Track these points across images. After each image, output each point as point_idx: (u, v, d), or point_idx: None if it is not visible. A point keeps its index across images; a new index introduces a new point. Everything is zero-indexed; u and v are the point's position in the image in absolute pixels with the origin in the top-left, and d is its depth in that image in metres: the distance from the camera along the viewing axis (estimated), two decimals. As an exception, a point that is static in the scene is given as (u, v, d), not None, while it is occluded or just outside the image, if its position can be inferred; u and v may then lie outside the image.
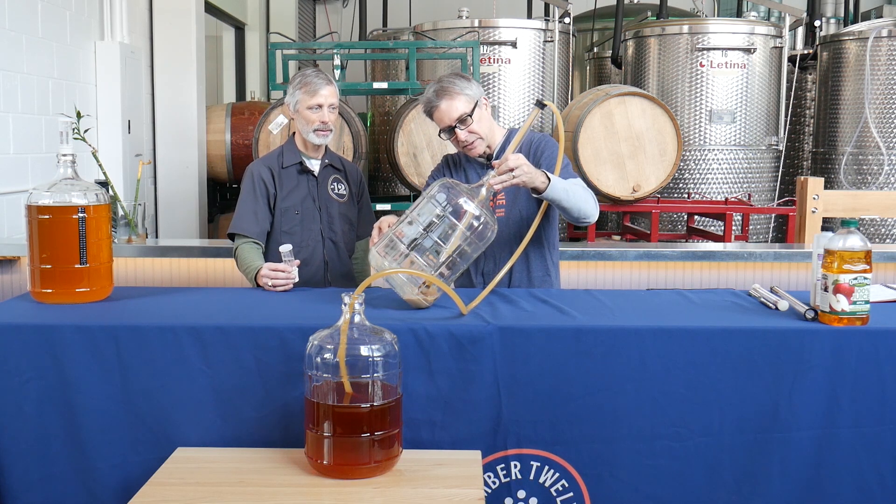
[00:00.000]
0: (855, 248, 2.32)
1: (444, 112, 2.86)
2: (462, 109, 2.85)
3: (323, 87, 3.12)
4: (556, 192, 2.64)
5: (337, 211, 3.25)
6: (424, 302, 2.52)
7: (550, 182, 2.62)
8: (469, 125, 2.86)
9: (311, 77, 3.14)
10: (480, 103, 2.90)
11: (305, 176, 3.22)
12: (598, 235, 6.23)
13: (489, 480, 2.37)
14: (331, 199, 3.24)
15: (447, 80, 2.91)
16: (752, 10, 8.41)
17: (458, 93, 2.86)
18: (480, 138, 2.89)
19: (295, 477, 2.12)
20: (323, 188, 3.24)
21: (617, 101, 5.61)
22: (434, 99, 2.88)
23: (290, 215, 3.19)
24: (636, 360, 2.32)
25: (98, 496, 2.34)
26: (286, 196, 3.19)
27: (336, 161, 3.32)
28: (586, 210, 2.74)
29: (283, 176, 3.21)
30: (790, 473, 2.35)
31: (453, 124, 2.87)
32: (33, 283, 2.60)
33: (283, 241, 3.08)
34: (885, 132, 6.44)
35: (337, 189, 3.27)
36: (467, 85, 2.89)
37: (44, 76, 4.47)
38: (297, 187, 3.21)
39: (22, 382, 2.32)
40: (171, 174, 6.05)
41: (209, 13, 7.30)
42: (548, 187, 2.61)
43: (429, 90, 2.91)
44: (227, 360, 2.32)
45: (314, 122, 3.13)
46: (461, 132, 2.87)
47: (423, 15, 8.54)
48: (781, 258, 3.87)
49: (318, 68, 3.38)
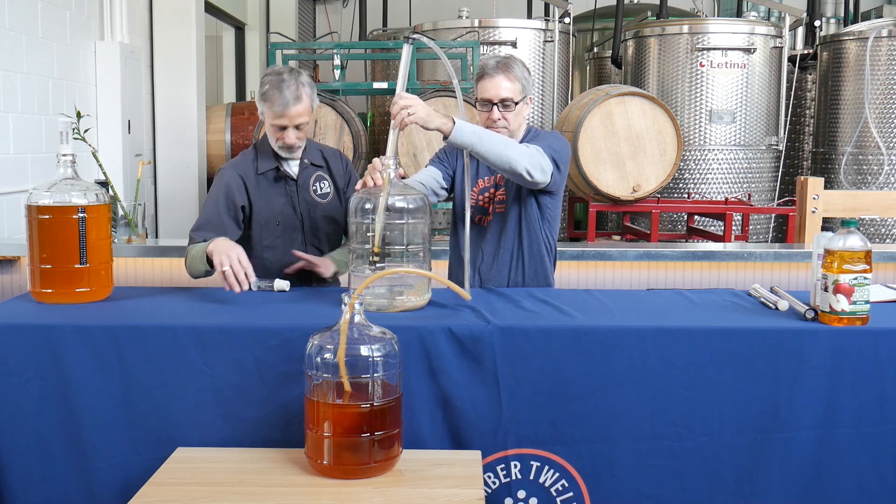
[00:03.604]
0: (855, 248, 2.32)
1: (495, 85, 2.82)
2: (511, 94, 2.83)
3: (290, 105, 2.76)
4: (463, 135, 2.53)
5: (320, 214, 2.98)
6: (409, 302, 2.49)
7: (455, 125, 2.52)
8: (508, 111, 2.84)
9: (275, 90, 2.77)
10: (527, 99, 2.90)
11: (283, 182, 2.95)
12: (598, 235, 6.24)
13: (489, 480, 2.37)
14: (313, 203, 2.97)
15: (513, 59, 2.88)
16: (752, 10, 8.41)
17: (518, 77, 2.84)
18: (508, 128, 2.86)
19: (295, 477, 2.12)
20: (304, 191, 2.96)
21: (617, 101, 5.61)
22: (493, 68, 2.84)
23: (270, 227, 2.93)
24: (636, 360, 2.32)
25: (98, 496, 2.34)
26: (264, 206, 2.92)
27: (316, 156, 3.01)
28: (510, 158, 2.60)
29: (259, 183, 2.92)
30: (790, 473, 2.35)
31: (495, 101, 2.83)
32: (33, 283, 2.60)
33: (265, 256, 2.90)
34: (885, 132, 6.44)
35: (320, 189, 2.99)
36: (526, 76, 2.88)
37: (44, 76, 4.47)
38: (275, 195, 2.93)
39: (22, 382, 2.32)
40: (171, 174, 6.04)
41: (209, 13, 7.30)
42: (452, 130, 2.52)
43: (490, 58, 2.89)
44: (227, 360, 2.32)
45: (278, 140, 2.86)
46: (496, 111, 2.83)
47: (423, 15, 8.55)
48: (781, 258, 3.87)
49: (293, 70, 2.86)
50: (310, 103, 2.83)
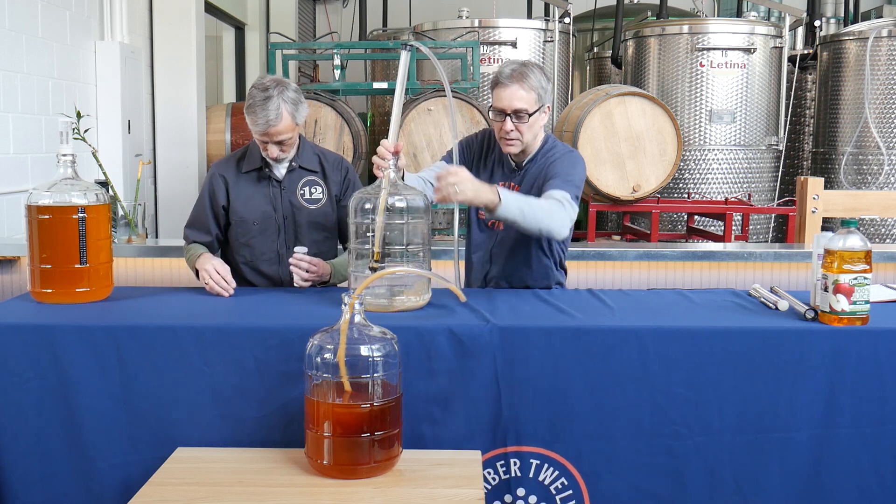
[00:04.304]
0: (855, 248, 2.32)
1: (508, 95, 2.71)
2: (526, 105, 2.71)
3: (271, 124, 2.75)
4: (508, 212, 2.47)
5: (306, 220, 2.93)
6: (409, 303, 2.50)
7: (501, 201, 2.44)
8: (522, 122, 2.73)
9: (258, 107, 2.74)
10: (544, 109, 2.77)
11: (267, 182, 2.93)
12: (598, 235, 6.24)
13: (489, 477, 2.37)
14: (299, 206, 2.93)
15: (530, 67, 2.74)
16: (752, 10, 8.41)
17: (533, 87, 2.72)
18: (521, 140, 2.76)
19: (295, 477, 2.12)
20: (289, 195, 2.93)
21: (617, 101, 5.61)
22: (508, 77, 2.72)
23: (246, 226, 2.93)
24: (636, 360, 2.32)
25: (98, 496, 2.34)
26: (243, 205, 2.93)
27: (311, 160, 2.97)
28: (549, 227, 2.56)
29: (240, 182, 2.94)
30: (790, 473, 2.35)
31: (508, 112, 2.72)
32: (33, 283, 2.60)
33: (242, 253, 2.94)
34: (885, 132, 6.44)
35: (309, 194, 2.94)
36: (544, 85, 2.75)
37: (44, 76, 4.47)
38: (254, 196, 2.93)
39: (22, 382, 2.32)
40: (171, 174, 6.04)
41: (209, 13, 7.30)
42: (498, 207, 2.45)
43: (507, 65, 2.75)
44: (227, 360, 2.32)
45: (262, 150, 2.87)
46: (509, 123, 2.73)
47: (423, 15, 8.55)
48: (781, 258, 3.86)
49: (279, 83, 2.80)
50: (291, 121, 2.80)
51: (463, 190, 2.40)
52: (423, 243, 2.52)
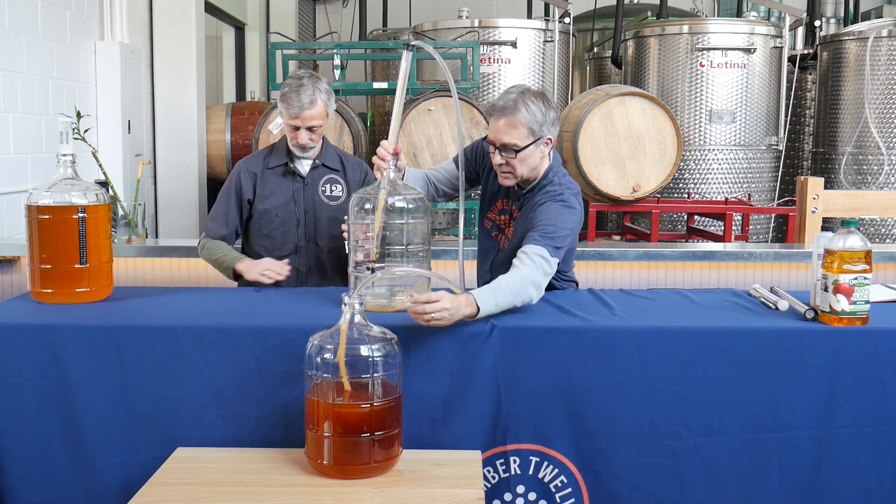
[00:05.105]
0: (855, 248, 2.32)
1: (496, 129, 2.61)
2: (515, 140, 2.58)
3: (305, 108, 2.93)
4: (488, 312, 2.34)
5: (326, 215, 3.08)
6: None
7: (480, 310, 2.31)
8: (511, 157, 2.60)
9: (293, 93, 2.93)
10: (541, 142, 2.62)
11: (291, 178, 3.09)
12: (598, 235, 6.23)
13: (488, 475, 2.37)
14: (320, 203, 3.09)
15: (522, 101, 2.57)
16: (752, 10, 8.41)
17: (523, 122, 2.56)
18: (514, 175, 2.65)
19: (295, 477, 2.12)
20: (311, 190, 3.09)
21: (617, 101, 5.61)
22: (499, 110, 2.60)
23: (268, 218, 3.08)
24: (636, 359, 2.33)
25: (98, 496, 2.34)
26: (267, 198, 3.08)
27: (333, 160, 3.14)
28: (525, 301, 2.44)
29: (266, 177, 3.09)
30: (790, 473, 2.35)
31: (497, 145, 2.62)
32: (33, 283, 2.60)
33: (262, 244, 3.03)
34: (885, 132, 6.44)
35: (330, 191, 3.11)
36: (538, 117, 2.58)
37: (44, 76, 4.47)
38: (279, 190, 3.08)
39: (22, 382, 2.32)
40: (171, 174, 6.05)
41: (209, 13, 7.30)
42: (478, 314, 2.31)
43: (504, 94, 2.63)
44: (227, 359, 2.33)
45: (293, 139, 3.03)
46: (498, 156, 2.62)
47: (423, 15, 8.55)
48: (781, 258, 3.87)
49: (313, 75, 3.02)
50: (324, 108, 2.98)
51: (439, 321, 2.23)
52: (423, 243, 2.52)
